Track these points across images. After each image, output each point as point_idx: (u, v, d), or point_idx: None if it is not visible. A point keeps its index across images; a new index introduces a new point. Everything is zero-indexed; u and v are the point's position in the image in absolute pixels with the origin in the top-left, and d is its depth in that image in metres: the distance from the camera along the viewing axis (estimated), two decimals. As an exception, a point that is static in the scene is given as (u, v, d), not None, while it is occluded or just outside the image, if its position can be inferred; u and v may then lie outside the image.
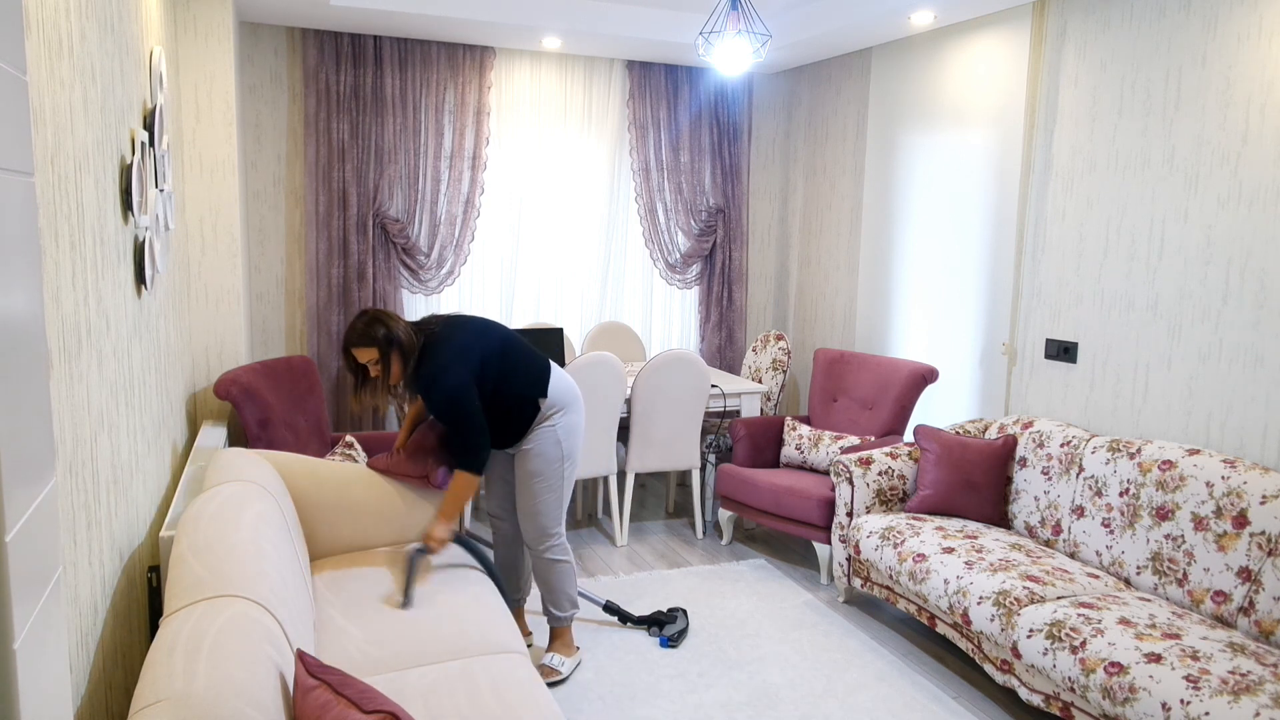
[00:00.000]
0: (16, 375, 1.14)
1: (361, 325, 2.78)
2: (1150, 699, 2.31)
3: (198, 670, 1.43)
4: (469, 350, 2.86)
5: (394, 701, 1.64)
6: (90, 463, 1.74)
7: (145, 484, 2.41)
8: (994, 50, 4.15)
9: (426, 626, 2.42)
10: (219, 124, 3.87)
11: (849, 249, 5.25)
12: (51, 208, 1.52)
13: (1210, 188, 3.18)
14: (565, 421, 3.05)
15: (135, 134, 2.35)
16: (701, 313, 5.75)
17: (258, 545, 2.04)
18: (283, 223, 4.84)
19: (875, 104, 4.96)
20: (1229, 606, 2.74)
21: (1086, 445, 3.37)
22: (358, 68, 4.77)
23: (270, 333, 4.88)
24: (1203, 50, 3.19)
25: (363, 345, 2.77)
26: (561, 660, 3.13)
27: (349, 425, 4.95)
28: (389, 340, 2.78)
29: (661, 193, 5.48)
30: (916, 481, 3.73)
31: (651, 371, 4.25)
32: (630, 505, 4.43)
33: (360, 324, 2.78)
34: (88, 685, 1.67)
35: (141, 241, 2.43)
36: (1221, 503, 2.83)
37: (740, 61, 3.73)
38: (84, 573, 1.67)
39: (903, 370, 4.38)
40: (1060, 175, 3.79)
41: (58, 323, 1.53)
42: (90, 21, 1.89)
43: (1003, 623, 2.82)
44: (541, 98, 5.23)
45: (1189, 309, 3.26)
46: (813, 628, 3.52)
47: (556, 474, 3.05)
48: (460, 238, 5.04)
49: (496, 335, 2.97)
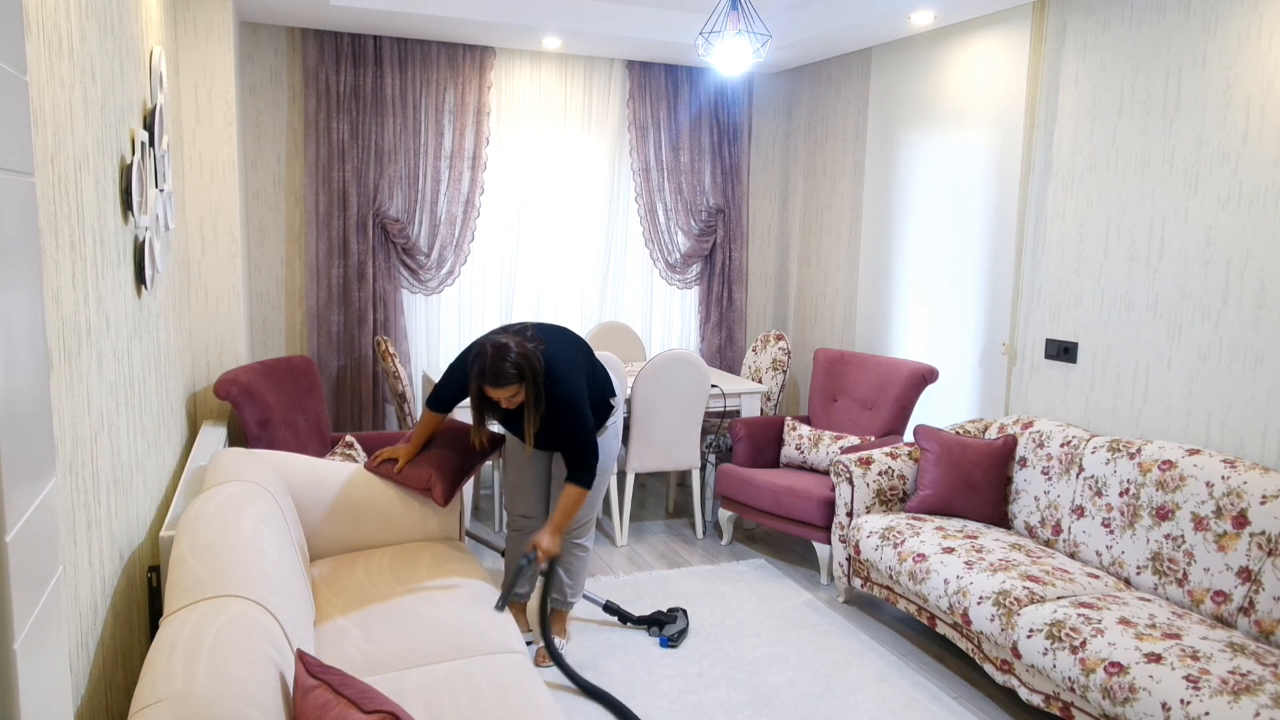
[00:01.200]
0: (16, 375, 1.14)
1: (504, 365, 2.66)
2: (1150, 699, 2.31)
3: (198, 670, 1.43)
4: (580, 366, 2.87)
5: (394, 701, 1.64)
6: (90, 463, 1.74)
7: (145, 484, 2.41)
8: (994, 50, 4.15)
9: (426, 626, 2.42)
10: (219, 124, 3.87)
11: (849, 249, 5.25)
12: (51, 208, 1.52)
13: (1210, 188, 3.18)
14: (616, 418, 3.19)
15: (135, 134, 2.35)
16: (701, 313, 5.75)
17: (258, 545, 2.04)
18: (283, 223, 4.84)
19: (875, 104, 4.96)
20: (1229, 606, 2.74)
21: (1086, 445, 3.37)
22: (358, 68, 4.77)
23: (270, 333, 4.88)
24: (1203, 50, 3.19)
25: (507, 384, 2.67)
26: (560, 644, 3.26)
27: (349, 425, 4.95)
28: (533, 373, 2.70)
29: (661, 193, 5.48)
30: (916, 481, 3.73)
31: (651, 371, 4.25)
32: (630, 505, 4.43)
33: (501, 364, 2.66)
34: (88, 685, 1.67)
35: (141, 241, 2.43)
36: (1221, 503, 2.83)
37: (740, 61, 3.73)
38: (84, 573, 1.67)
39: (903, 370, 4.38)
40: (1060, 175, 3.79)
41: (58, 323, 1.53)
42: (90, 21, 1.88)
43: (1003, 623, 2.82)
44: (541, 98, 5.23)
45: (1189, 309, 3.26)
46: (813, 628, 3.52)
47: (610, 470, 3.18)
48: (460, 238, 5.04)
49: (578, 342, 3.01)
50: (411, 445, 3.08)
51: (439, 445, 3.09)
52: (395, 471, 3.01)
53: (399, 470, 3.01)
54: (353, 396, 4.94)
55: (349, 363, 4.92)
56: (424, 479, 2.99)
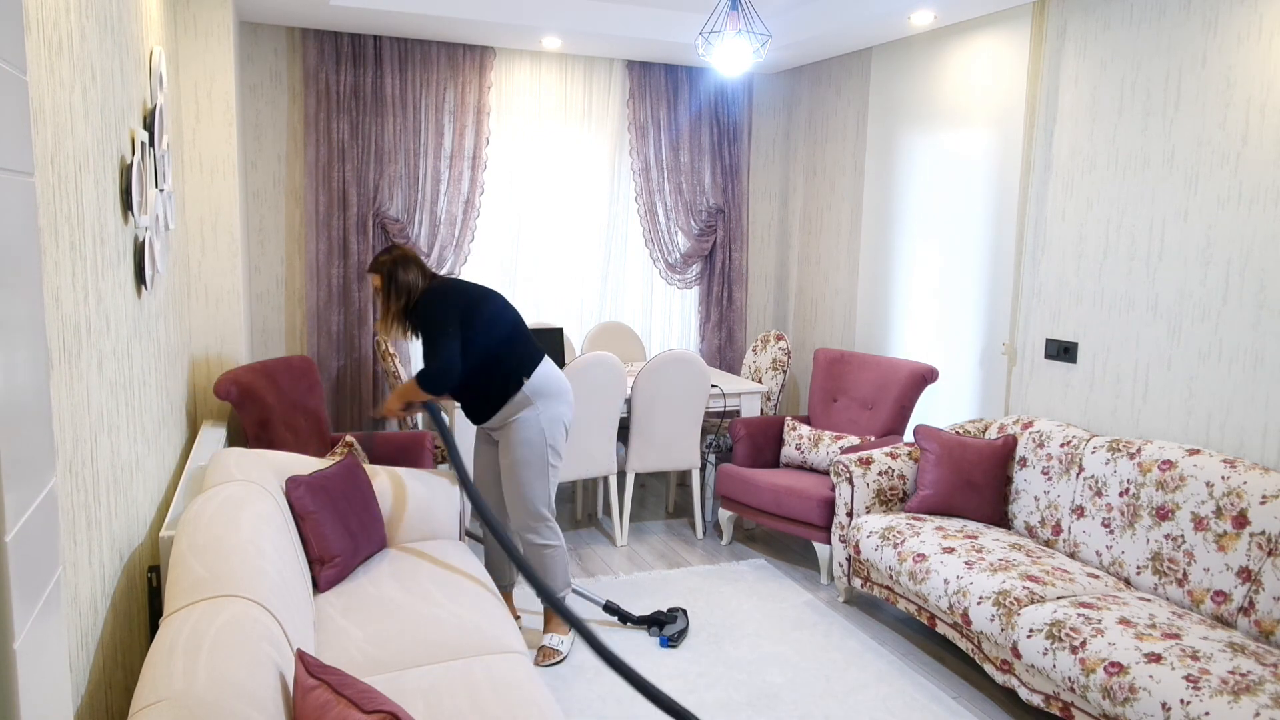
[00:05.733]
0: (16, 375, 1.14)
1: (381, 255, 3.12)
2: (1150, 699, 2.31)
3: (198, 670, 1.43)
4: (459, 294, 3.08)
5: (394, 701, 1.64)
6: (90, 463, 1.74)
7: (145, 484, 2.41)
8: (994, 50, 4.15)
9: (426, 626, 2.42)
10: (219, 124, 3.87)
11: (849, 249, 5.25)
12: (51, 208, 1.52)
13: (1210, 188, 3.18)
14: (550, 412, 3.18)
15: (135, 134, 2.35)
16: (701, 313, 5.75)
17: (258, 545, 2.04)
18: (283, 223, 4.84)
19: (875, 104, 4.96)
20: (1229, 606, 2.74)
21: (1086, 445, 3.37)
22: (358, 68, 4.77)
23: (270, 333, 4.88)
24: (1203, 50, 3.19)
25: (370, 270, 3.14)
26: (561, 640, 3.21)
27: (349, 425, 4.95)
28: (390, 275, 3.08)
29: (661, 193, 5.48)
30: (916, 481, 3.73)
31: (651, 371, 4.25)
32: (630, 505, 4.43)
33: (381, 254, 3.12)
34: (88, 685, 1.67)
35: (141, 241, 2.43)
36: (1221, 503, 2.83)
37: (740, 61, 3.73)
38: (84, 573, 1.67)
39: (903, 370, 4.38)
40: (1060, 175, 3.79)
41: (58, 323, 1.53)
42: (90, 21, 1.88)
43: (1003, 623, 2.82)
44: (541, 98, 5.23)
45: (1189, 309, 3.26)
46: (813, 628, 3.52)
47: (541, 459, 3.17)
48: (460, 238, 5.04)
49: (499, 304, 3.15)
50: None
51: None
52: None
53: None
54: (353, 396, 4.94)
55: (349, 363, 4.92)
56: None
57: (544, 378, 3.16)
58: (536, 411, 3.14)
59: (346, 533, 2.73)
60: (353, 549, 2.74)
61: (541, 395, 3.15)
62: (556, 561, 3.25)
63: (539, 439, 3.15)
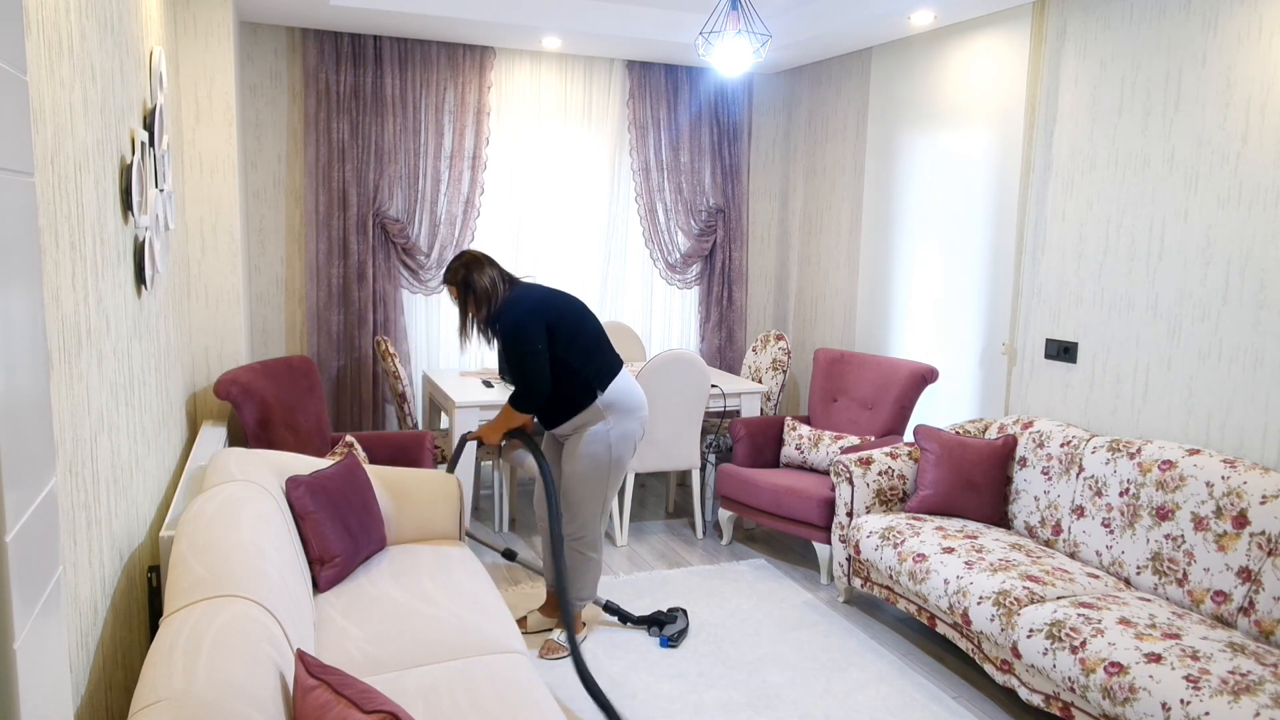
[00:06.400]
0: (16, 375, 1.14)
1: (453, 263, 3.10)
2: (1150, 699, 2.31)
3: (198, 670, 1.43)
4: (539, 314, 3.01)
5: (394, 701, 1.64)
6: (90, 463, 1.75)
7: (145, 484, 2.41)
8: (994, 50, 4.15)
9: (426, 626, 2.42)
10: (219, 124, 3.87)
11: (849, 249, 5.25)
12: (51, 208, 1.52)
13: (1210, 188, 3.18)
14: (621, 427, 3.15)
15: (135, 134, 2.35)
16: (701, 313, 5.75)
17: (258, 545, 2.04)
18: (283, 223, 4.84)
19: (875, 104, 4.96)
20: (1229, 606, 2.74)
21: (1086, 445, 3.37)
22: (358, 68, 4.77)
23: (270, 333, 4.88)
24: (1203, 50, 3.19)
25: (444, 282, 3.13)
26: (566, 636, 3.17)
27: (349, 425, 4.95)
28: (466, 284, 3.05)
29: (661, 193, 5.48)
30: (916, 481, 3.73)
31: (651, 371, 4.25)
32: (630, 505, 4.43)
33: (453, 262, 3.10)
34: (88, 685, 1.67)
35: (141, 241, 2.43)
36: (1221, 503, 2.83)
37: (740, 61, 3.73)
38: (84, 573, 1.67)
39: (903, 370, 4.38)
40: (1060, 175, 3.79)
41: (58, 323, 1.53)
42: (90, 21, 1.88)
43: (1003, 623, 2.82)
44: (541, 98, 5.23)
45: (1189, 309, 3.26)
46: (813, 628, 3.52)
47: (602, 476, 3.15)
48: (460, 238, 5.04)
49: (581, 315, 3.12)
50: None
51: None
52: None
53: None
54: (353, 396, 4.94)
55: (349, 363, 4.92)
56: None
57: (619, 392, 3.12)
58: (608, 426, 3.11)
59: (346, 533, 2.73)
60: (353, 549, 2.74)
61: (614, 409, 3.11)
62: (589, 572, 3.25)
63: (604, 454, 3.12)
